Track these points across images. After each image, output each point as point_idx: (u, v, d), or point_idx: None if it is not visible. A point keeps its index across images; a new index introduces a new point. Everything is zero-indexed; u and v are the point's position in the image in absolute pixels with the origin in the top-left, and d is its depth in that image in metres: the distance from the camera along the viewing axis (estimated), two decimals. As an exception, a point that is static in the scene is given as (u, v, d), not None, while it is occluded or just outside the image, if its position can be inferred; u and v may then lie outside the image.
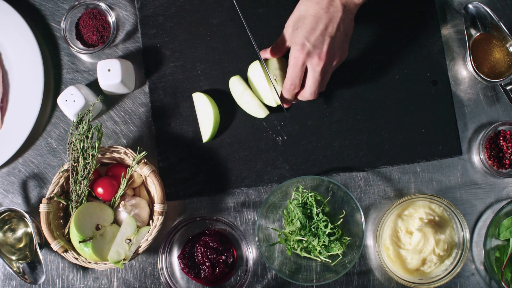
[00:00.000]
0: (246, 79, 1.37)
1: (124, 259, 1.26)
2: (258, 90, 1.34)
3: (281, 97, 1.29)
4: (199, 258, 1.33)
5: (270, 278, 1.36)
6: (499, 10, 1.38)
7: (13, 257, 1.34)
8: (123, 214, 1.29)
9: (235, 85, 1.35)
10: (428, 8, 1.38)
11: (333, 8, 1.19)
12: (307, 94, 1.26)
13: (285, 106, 1.31)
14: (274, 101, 1.33)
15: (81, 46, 1.40)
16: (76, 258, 1.27)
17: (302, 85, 1.26)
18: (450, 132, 1.36)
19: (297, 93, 1.28)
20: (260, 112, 1.34)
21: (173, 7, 1.39)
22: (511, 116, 1.37)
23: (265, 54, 1.33)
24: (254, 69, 1.34)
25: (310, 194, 1.32)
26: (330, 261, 1.33)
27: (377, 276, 1.35)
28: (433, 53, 1.37)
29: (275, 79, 1.31)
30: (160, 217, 1.28)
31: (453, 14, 1.39)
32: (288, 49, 1.30)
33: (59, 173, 1.30)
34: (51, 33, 1.42)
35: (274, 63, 1.32)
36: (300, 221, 1.30)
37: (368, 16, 1.38)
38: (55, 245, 1.27)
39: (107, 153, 1.30)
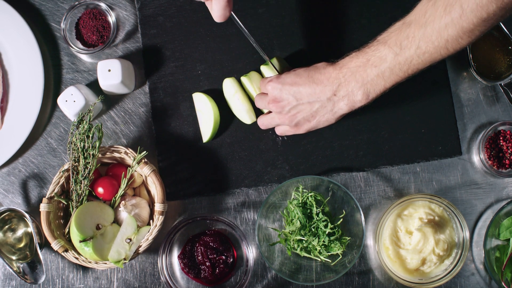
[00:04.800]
0: (241, 81, 1.37)
1: (125, 259, 1.26)
2: (253, 95, 1.34)
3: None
4: (199, 258, 1.33)
5: (270, 278, 1.36)
6: (499, 10, 1.38)
7: (13, 257, 1.34)
8: (123, 214, 1.29)
9: (228, 87, 1.35)
10: (428, 8, 1.38)
11: (333, 102, 1.21)
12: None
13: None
14: None
15: (81, 46, 1.40)
16: (77, 258, 1.27)
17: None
18: (450, 132, 1.36)
19: None
20: (246, 118, 1.34)
21: (173, 7, 1.39)
22: (511, 116, 1.37)
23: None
24: (244, 82, 1.35)
25: (310, 194, 1.32)
26: (330, 261, 1.33)
27: (377, 276, 1.35)
28: (433, 53, 1.37)
29: None
30: (160, 216, 1.28)
31: (453, 14, 1.39)
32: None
33: (60, 172, 1.30)
34: (51, 33, 1.42)
35: (276, 64, 1.33)
36: (300, 221, 1.30)
37: (368, 17, 1.38)
38: (55, 245, 1.27)
39: (108, 153, 1.30)
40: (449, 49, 1.09)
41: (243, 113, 1.34)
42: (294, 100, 1.21)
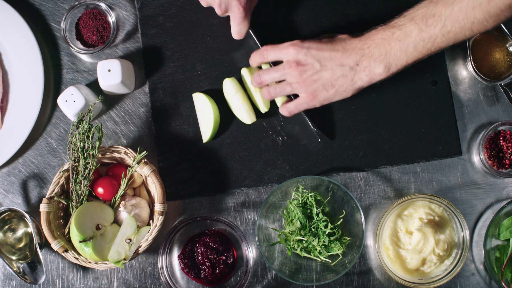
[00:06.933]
0: (241, 81, 1.37)
1: (125, 259, 1.26)
2: (253, 94, 1.35)
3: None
4: (199, 258, 1.33)
5: (270, 278, 1.36)
6: (499, 10, 1.38)
7: (13, 257, 1.34)
8: (123, 214, 1.29)
9: (228, 87, 1.35)
10: (428, 8, 1.38)
11: (355, 72, 1.21)
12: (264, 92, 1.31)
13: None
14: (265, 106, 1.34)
15: (81, 46, 1.40)
16: (77, 258, 1.27)
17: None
18: (450, 132, 1.36)
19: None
20: (246, 118, 1.34)
21: (173, 7, 1.39)
22: (511, 116, 1.37)
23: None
24: (245, 76, 1.35)
25: (310, 194, 1.32)
26: (330, 261, 1.33)
27: (377, 276, 1.35)
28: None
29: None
30: (160, 216, 1.28)
31: (453, 14, 1.39)
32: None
33: (60, 172, 1.30)
34: (51, 33, 1.42)
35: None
36: (300, 221, 1.30)
37: (367, 16, 1.38)
38: (55, 245, 1.27)
39: (108, 153, 1.30)
40: (473, 31, 1.12)
41: (243, 113, 1.34)
42: (318, 65, 1.21)
